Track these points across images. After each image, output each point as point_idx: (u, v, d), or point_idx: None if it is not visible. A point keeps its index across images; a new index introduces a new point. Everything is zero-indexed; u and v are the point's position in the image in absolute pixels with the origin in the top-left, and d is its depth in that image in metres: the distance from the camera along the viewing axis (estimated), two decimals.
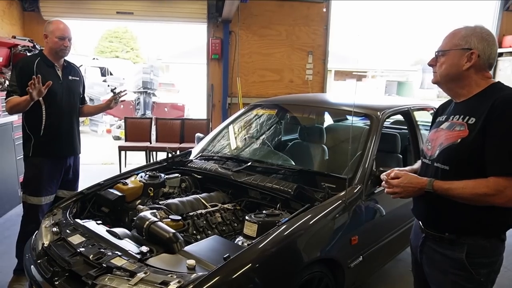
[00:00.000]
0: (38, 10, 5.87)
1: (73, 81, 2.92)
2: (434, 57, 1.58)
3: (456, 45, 1.49)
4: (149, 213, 2.07)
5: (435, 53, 1.57)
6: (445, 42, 1.54)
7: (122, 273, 1.64)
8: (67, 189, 2.98)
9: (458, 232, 1.49)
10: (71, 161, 2.96)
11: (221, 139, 3.28)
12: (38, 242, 2.10)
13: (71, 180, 3.01)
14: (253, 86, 6.49)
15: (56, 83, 2.74)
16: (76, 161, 3.04)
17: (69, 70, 2.91)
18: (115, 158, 6.44)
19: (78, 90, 2.99)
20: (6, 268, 2.89)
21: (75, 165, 3.03)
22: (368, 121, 2.89)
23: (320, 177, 2.46)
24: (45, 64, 2.76)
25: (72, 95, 2.90)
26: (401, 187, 1.53)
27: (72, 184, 3.03)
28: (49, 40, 2.73)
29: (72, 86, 2.91)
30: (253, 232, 1.95)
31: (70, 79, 2.90)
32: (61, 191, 2.96)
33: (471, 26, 1.50)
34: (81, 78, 3.03)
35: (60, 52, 2.76)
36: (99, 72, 13.30)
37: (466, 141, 1.43)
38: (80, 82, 3.02)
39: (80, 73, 3.05)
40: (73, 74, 2.93)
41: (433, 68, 1.59)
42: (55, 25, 2.73)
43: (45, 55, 2.80)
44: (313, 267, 1.95)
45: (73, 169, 3.00)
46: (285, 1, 6.26)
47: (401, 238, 2.76)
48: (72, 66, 2.98)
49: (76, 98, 2.96)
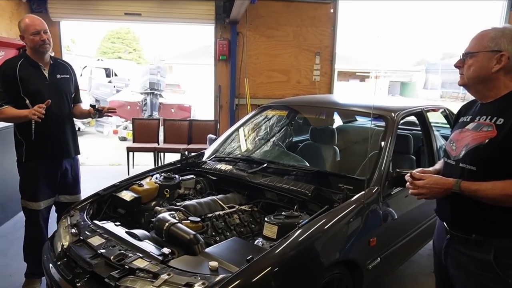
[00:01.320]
0: (46, 11, 5.87)
1: (61, 80, 2.73)
2: (461, 59, 1.56)
3: (485, 47, 1.48)
4: (168, 215, 2.07)
5: (462, 55, 1.55)
6: (473, 44, 1.53)
7: (145, 274, 1.64)
8: (69, 194, 2.87)
9: (486, 233, 1.48)
10: (67, 164, 2.82)
11: (233, 141, 3.28)
12: (57, 243, 2.10)
13: (71, 184, 2.88)
14: (261, 87, 6.49)
15: (42, 84, 2.61)
16: (74, 164, 2.90)
17: (57, 69, 2.72)
18: (122, 159, 6.46)
19: (69, 89, 2.79)
20: (19, 270, 2.90)
21: (74, 168, 2.89)
22: (380, 122, 2.90)
23: (336, 178, 2.46)
24: (29, 65, 2.60)
25: (61, 95, 2.72)
26: (426, 188, 1.52)
27: (73, 188, 2.90)
28: (26, 39, 2.57)
29: (61, 85, 2.72)
30: (273, 233, 1.95)
31: (59, 77, 2.71)
32: (63, 196, 2.86)
33: (500, 27, 1.49)
34: (72, 75, 2.83)
35: (40, 48, 2.57)
36: (104, 73, 13.33)
37: (495, 142, 1.42)
38: (71, 80, 2.82)
39: (71, 70, 2.84)
40: (62, 72, 2.75)
41: (459, 70, 1.58)
42: (25, 22, 2.55)
43: (29, 55, 2.63)
44: (333, 268, 1.95)
45: (71, 173, 2.87)
46: (292, 2, 6.25)
47: (417, 239, 2.77)
48: (61, 63, 2.80)
49: (67, 97, 2.77)
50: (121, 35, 30.25)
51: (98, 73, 12.55)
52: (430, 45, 53.59)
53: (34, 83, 2.59)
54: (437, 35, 60.99)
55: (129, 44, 30.74)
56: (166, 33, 41.28)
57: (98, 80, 11.34)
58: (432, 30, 49.06)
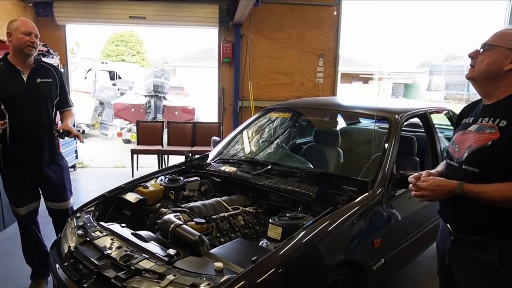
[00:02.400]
0: (52, 15, 5.94)
1: (41, 84, 2.60)
2: (477, 50, 1.55)
3: (506, 44, 1.47)
4: (173, 216, 2.09)
5: (481, 45, 1.54)
6: (494, 38, 1.52)
7: (151, 275, 1.66)
8: (56, 201, 2.76)
9: (489, 235, 1.49)
10: (49, 171, 2.69)
11: (237, 143, 3.30)
12: (64, 244, 2.13)
13: (57, 191, 2.75)
14: (264, 89, 6.51)
15: (18, 88, 2.51)
16: (58, 170, 2.75)
17: (38, 72, 2.61)
18: (127, 162, 6.49)
19: (49, 94, 2.65)
20: (26, 271, 2.92)
21: (58, 174, 2.74)
22: (383, 124, 2.91)
23: (340, 180, 2.47)
24: (7, 69, 2.51)
25: (38, 100, 2.59)
26: (429, 190, 1.53)
27: (60, 195, 2.77)
28: (13, 37, 2.47)
29: (40, 89, 2.59)
30: (278, 235, 1.97)
31: (38, 82, 2.58)
32: (51, 203, 2.77)
33: None
34: (55, 79, 2.68)
35: (25, 49, 2.48)
36: (108, 75, 13.39)
37: (498, 144, 1.43)
38: (53, 84, 2.67)
39: (55, 73, 2.70)
40: (44, 76, 2.62)
41: (471, 61, 1.57)
42: (19, 21, 2.50)
43: (9, 59, 2.54)
44: (337, 269, 1.96)
45: (55, 179, 2.72)
46: (296, 5, 6.28)
47: (421, 241, 2.77)
48: (44, 67, 2.68)
49: (46, 103, 2.63)
50: (124, 38, 30.39)
51: (102, 76, 12.61)
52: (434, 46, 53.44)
53: (10, 88, 2.50)
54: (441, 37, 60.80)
55: (133, 47, 30.88)
56: (170, 35, 41.36)
57: (102, 83, 11.39)
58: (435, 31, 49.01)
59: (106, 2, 6.00)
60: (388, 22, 47.75)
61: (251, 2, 5.07)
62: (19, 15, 5.56)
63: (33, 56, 2.60)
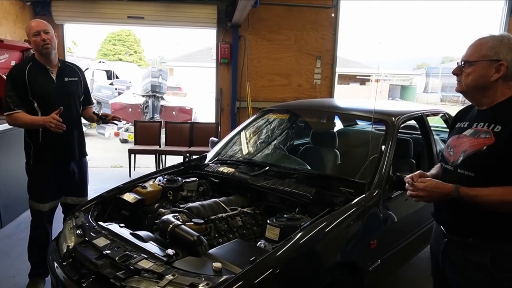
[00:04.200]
0: (50, 14, 5.93)
1: (69, 83, 2.75)
2: (459, 66, 1.57)
3: (484, 55, 1.49)
4: (171, 217, 2.11)
5: (461, 63, 1.56)
6: (472, 52, 1.53)
7: (150, 275, 1.67)
8: (76, 196, 2.89)
9: (483, 237, 1.51)
10: (74, 166, 2.83)
11: (235, 144, 3.31)
12: (63, 244, 2.13)
13: (78, 186, 2.90)
14: (262, 90, 6.53)
15: (50, 87, 2.64)
16: (82, 166, 2.91)
17: (65, 72, 2.74)
18: (124, 161, 6.49)
19: (77, 92, 2.81)
20: (23, 271, 2.93)
21: (81, 170, 2.90)
22: (380, 126, 2.93)
23: (337, 181, 2.49)
24: (37, 68, 2.63)
25: (68, 98, 2.73)
26: (426, 191, 1.54)
27: (80, 190, 2.92)
28: (31, 43, 2.62)
29: (69, 88, 2.74)
30: (275, 235, 1.99)
31: (66, 80, 2.73)
32: (70, 198, 2.87)
33: (498, 36, 1.50)
34: (80, 78, 2.84)
35: (43, 49, 2.58)
36: (105, 75, 13.37)
37: (493, 149, 1.45)
38: (79, 82, 2.83)
39: (79, 73, 2.86)
40: (70, 75, 2.77)
41: (457, 77, 1.59)
42: (28, 26, 2.60)
43: (36, 59, 2.67)
44: (334, 270, 1.98)
45: (78, 175, 2.87)
46: (293, 6, 6.30)
47: (417, 242, 2.79)
48: (69, 66, 2.83)
49: (75, 100, 2.79)
50: (122, 37, 30.35)
51: (99, 75, 12.60)
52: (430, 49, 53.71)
53: (42, 87, 2.61)
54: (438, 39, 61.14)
55: (130, 46, 30.84)
56: (167, 35, 41.33)
57: (100, 82, 11.37)
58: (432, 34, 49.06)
59: (104, 2, 6.00)
60: (385, 24, 47.94)
61: (249, 3, 5.09)
62: (17, 14, 5.56)
63: (56, 55, 2.72)
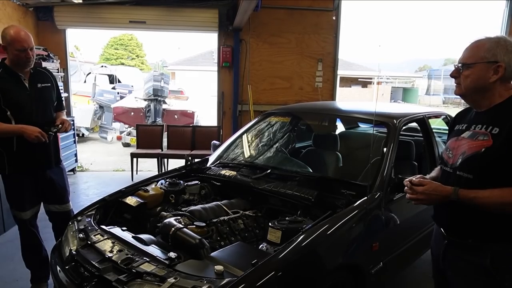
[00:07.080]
0: (52, 19, 5.98)
1: (43, 89, 2.65)
2: (457, 69, 1.58)
3: (482, 58, 1.49)
4: (173, 220, 2.11)
5: (458, 65, 1.57)
6: (469, 55, 1.54)
7: (152, 278, 1.67)
8: (59, 203, 2.82)
9: (482, 239, 1.51)
10: (51, 174, 2.75)
11: (237, 147, 3.32)
12: (65, 247, 2.14)
13: (59, 193, 2.81)
14: (263, 93, 6.55)
15: (23, 94, 2.55)
16: (59, 173, 2.82)
17: (37, 78, 2.64)
18: (126, 165, 6.51)
19: (51, 98, 2.72)
20: (26, 275, 2.93)
21: (59, 176, 2.81)
22: (382, 129, 2.93)
23: (339, 184, 2.49)
24: (8, 76, 2.52)
25: (43, 105, 2.65)
26: (425, 195, 1.54)
27: (61, 198, 2.83)
28: (9, 52, 2.48)
29: (42, 94, 2.65)
30: (277, 238, 1.98)
31: (39, 87, 2.63)
32: (53, 205, 2.82)
33: (494, 38, 1.50)
34: (53, 83, 2.74)
35: (23, 64, 2.52)
36: (108, 79, 13.43)
37: (491, 151, 1.45)
38: (52, 88, 2.73)
39: (52, 78, 2.76)
40: (43, 81, 2.67)
41: (455, 80, 1.60)
42: (12, 36, 2.44)
43: (8, 66, 2.54)
44: (336, 273, 1.98)
45: (57, 182, 2.78)
46: (295, 10, 6.32)
47: (419, 244, 2.78)
48: (41, 72, 2.72)
49: (49, 106, 2.71)
50: (124, 41, 30.52)
51: (102, 80, 12.64)
52: (432, 51, 53.68)
53: (14, 95, 2.52)
54: (440, 41, 61.17)
55: (132, 50, 30.99)
56: (169, 39, 41.45)
57: (102, 86, 11.41)
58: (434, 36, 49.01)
59: (106, 6, 6.03)
60: (387, 26, 48.02)
61: (250, 7, 5.10)
62: (20, 20, 5.59)
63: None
